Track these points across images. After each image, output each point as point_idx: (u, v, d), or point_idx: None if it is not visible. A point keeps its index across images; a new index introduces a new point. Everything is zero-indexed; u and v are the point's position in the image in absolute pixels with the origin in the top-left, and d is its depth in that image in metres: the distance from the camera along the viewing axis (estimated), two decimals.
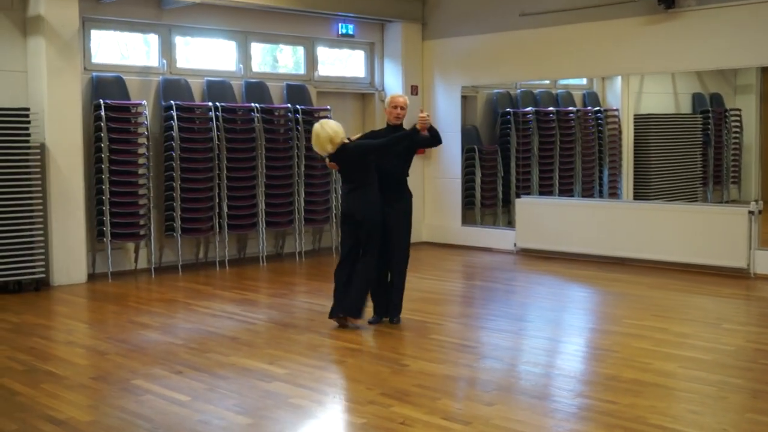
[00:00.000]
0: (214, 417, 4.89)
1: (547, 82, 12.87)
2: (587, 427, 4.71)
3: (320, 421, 4.91)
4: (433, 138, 7.09)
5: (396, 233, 7.15)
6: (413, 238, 12.09)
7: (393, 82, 12.77)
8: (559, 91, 12.95)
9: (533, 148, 12.50)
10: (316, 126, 7.03)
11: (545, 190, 12.42)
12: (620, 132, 12.41)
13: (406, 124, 7.32)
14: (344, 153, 6.98)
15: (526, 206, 11.68)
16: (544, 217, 11.43)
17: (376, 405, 5.10)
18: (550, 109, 12.69)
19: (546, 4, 11.33)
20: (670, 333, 6.89)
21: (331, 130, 6.93)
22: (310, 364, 6.04)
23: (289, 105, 11.33)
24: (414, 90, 12.75)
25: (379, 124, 12.76)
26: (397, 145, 7.01)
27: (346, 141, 7.03)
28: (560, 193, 12.42)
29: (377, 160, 7.01)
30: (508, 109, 12.64)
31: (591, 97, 12.89)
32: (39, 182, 9.14)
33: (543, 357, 6.39)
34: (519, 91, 12.76)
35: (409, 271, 7.24)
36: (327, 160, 7.20)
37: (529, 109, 12.61)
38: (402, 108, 7.13)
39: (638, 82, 12.20)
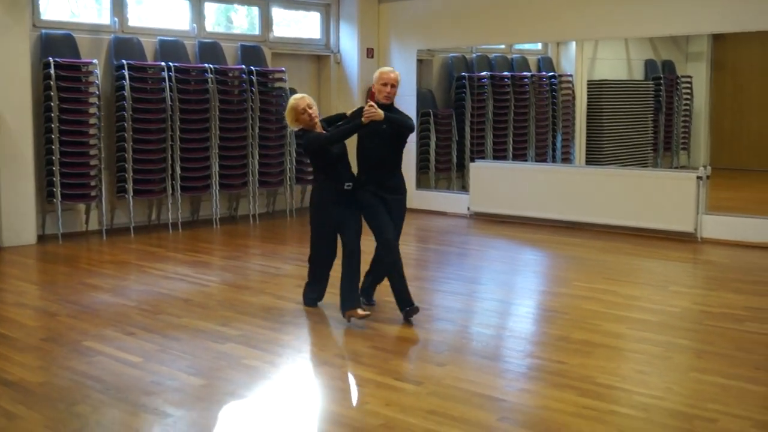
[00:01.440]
0: (167, 378, 4.88)
1: (503, 46, 12.86)
2: (537, 386, 4.78)
3: (273, 381, 4.91)
4: (397, 126, 6.18)
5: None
6: None
7: (349, 45, 12.68)
8: (514, 56, 12.96)
9: (488, 112, 12.53)
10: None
11: (499, 155, 12.48)
12: (574, 97, 12.48)
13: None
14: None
15: (480, 171, 11.74)
16: (498, 182, 11.50)
17: (329, 366, 5.14)
18: (505, 73, 12.72)
19: None
20: (619, 295, 7.00)
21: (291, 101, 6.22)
22: (263, 325, 6.03)
23: (243, 66, 11.20)
24: (369, 53, 12.69)
25: (335, 87, 12.73)
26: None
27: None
28: (514, 158, 12.49)
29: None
30: (463, 74, 12.63)
31: (545, 63, 12.93)
32: None
33: (495, 319, 6.46)
34: (474, 55, 12.75)
35: (363, 234, 7.10)
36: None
37: (484, 73, 12.62)
38: (393, 86, 6.20)
39: (592, 48, 12.26)
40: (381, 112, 5.95)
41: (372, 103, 6.03)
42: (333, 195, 6.19)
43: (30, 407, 4.39)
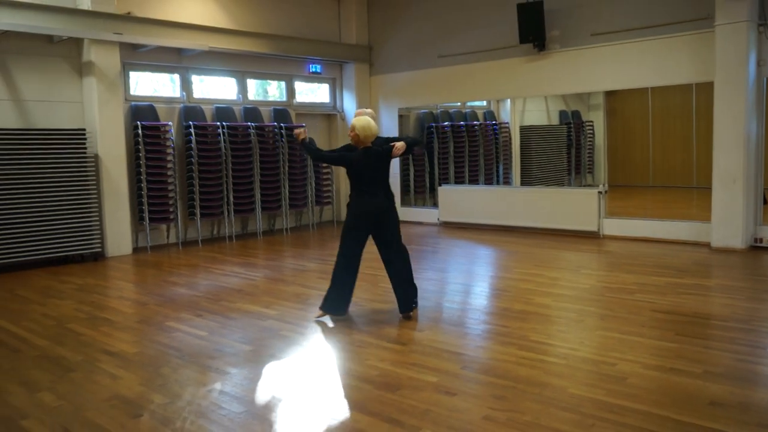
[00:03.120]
0: (226, 346, 4.85)
1: (458, 104, 12.87)
2: (489, 344, 4.76)
3: (302, 347, 4.89)
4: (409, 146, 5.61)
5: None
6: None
7: (349, 106, 12.68)
8: (466, 110, 12.96)
9: (450, 150, 12.51)
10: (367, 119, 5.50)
11: (459, 180, 12.47)
12: (510, 138, 12.46)
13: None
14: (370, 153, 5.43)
15: (446, 192, 11.73)
16: (459, 199, 11.49)
17: (341, 333, 5.11)
18: (461, 123, 12.71)
19: (457, 48, 11.34)
20: (546, 277, 6.99)
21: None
22: (294, 307, 6.01)
23: (275, 123, 11.19)
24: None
25: (340, 136, 12.72)
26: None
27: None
28: (469, 182, 12.48)
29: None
30: (431, 123, 12.62)
31: (489, 114, 12.93)
32: (95, 183, 8.92)
33: (459, 296, 6.44)
34: (439, 110, 12.75)
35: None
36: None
37: (446, 123, 12.61)
38: (352, 131, 5.53)
39: (522, 103, 12.28)
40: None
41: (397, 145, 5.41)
42: None
43: (127, 370, 4.36)
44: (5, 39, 8.49)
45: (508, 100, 12.28)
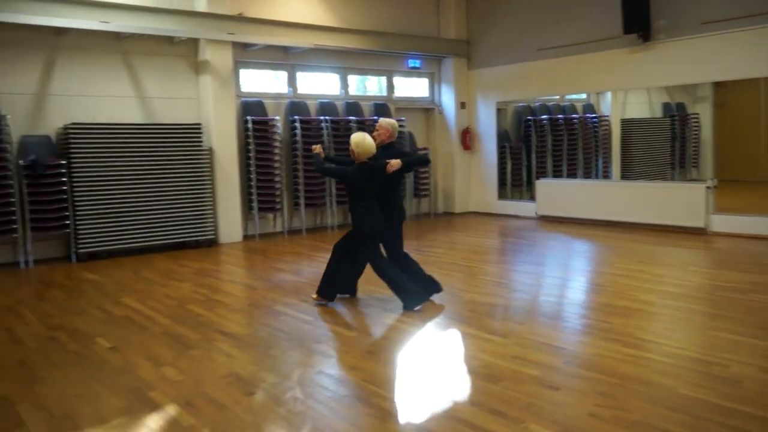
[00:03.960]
0: (330, 331, 4.94)
1: (557, 97, 12.50)
2: (590, 339, 4.59)
3: (405, 335, 4.90)
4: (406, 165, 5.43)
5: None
6: (463, 208, 11.97)
7: (447, 100, 12.59)
8: (565, 103, 12.57)
9: (547, 144, 12.19)
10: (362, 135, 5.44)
11: (557, 174, 12.13)
12: (610, 131, 11.99)
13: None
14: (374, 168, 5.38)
15: (543, 185, 11.43)
16: (557, 193, 11.17)
17: (442, 324, 5.08)
18: (559, 116, 12.34)
19: (557, 40, 11.00)
20: (649, 273, 6.67)
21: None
22: (393, 296, 6.02)
23: (375, 117, 11.27)
24: (463, 105, 12.56)
25: (438, 130, 12.66)
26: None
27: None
28: (568, 176, 12.10)
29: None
30: (529, 117, 12.34)
31: (589, 107, 12.47)
32: (209, 174, 9.33)
33: (557, 290, 6.25)
34: (537, 104, 12.43)
35: (459, 231, 6.95)
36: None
37: (544, 116, 12.29)
38: (376, 130, 5.64)
39: (623, 95, 11.76)
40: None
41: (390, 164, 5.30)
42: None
43: (241, 350, 4.52)
44: (131, 41, 9.00)
45: (609, 92, 11.79)
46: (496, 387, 3.69)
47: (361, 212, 5.37)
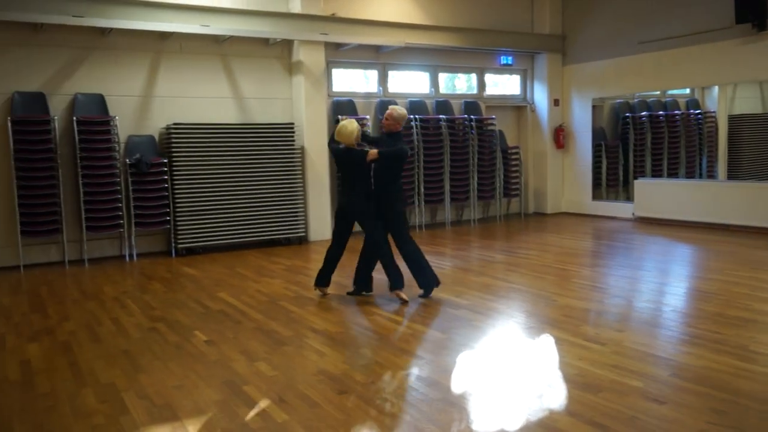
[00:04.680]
0: (420, 332, 4.88)
1: (657, 92, 11.90)
2: (699, 351, 4.29)
3: (495, 338, 4.78)
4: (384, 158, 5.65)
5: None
6: (555, 209, 11.64)
7: (540, 97, 12.26)
8: (667, 99, 11.94)
9: (647, 142, 11.63)
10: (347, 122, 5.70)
11: (657, 173, 11.55)
12: (716, 128, 11.29)
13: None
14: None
15: (642, 185, 10.91)
16: (657, 193, 10.63)
17: (533, 329, 4.92)
18: (660, 112, 11.75)
19: (659, 33, 10.46)
20: (764, 281, 6.19)
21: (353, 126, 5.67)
22: (485, 298, 5.91)
23: (466, 116, 11.14)
24: (556, 102, 12.20)
25: (530, 128, 12.35)
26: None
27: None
28: (668, 175, 11.50)
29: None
30: (627, 114, 11.83)
31: (692, 103, 11.79)
32: (300, 173, 9.51)
33: (658, 296, 5.92)
34: (636, 100, 11.88)
35: (551, 232, 6.74)
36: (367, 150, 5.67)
37: (643, 113, 11.73)
38: (386, 119, 5.81)
39: (732, 90, 11.04)
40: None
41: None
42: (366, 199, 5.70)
43: (331, 348, 4.54)
44: (229, 43, 9.30)
45: (716, 87, 11.10)
46: (595, 398, 3.51)
47: (341, 191, 5.77)
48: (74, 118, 8.15)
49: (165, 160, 8.56)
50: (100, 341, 4.86)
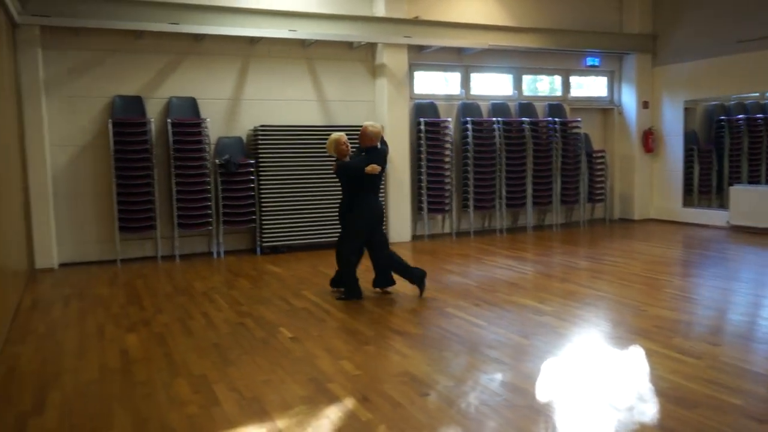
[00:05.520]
0: (503, 338, 4.82)
1: (757, 94, 11.26)
2: None
3: (581, 346, 4.66)
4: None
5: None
6: (643, 215, 11.22)
7: (628, 99, 11.86)
8: (766, 101, 11.28)
9: (743, 146, 11.03)
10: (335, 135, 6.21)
11: (753, 180, 10.93)
12: None
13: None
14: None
15: (738, 192, 10.36)
16: (754, 201, 10.06)
17: (620, 339, 4.76)
18: (759, 115, 11.11)
19: (762, 31, 9.89)
20: None
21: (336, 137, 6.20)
22: (569, 305, 5.78)
23: (550, 118, 10.92)
24: (645, 105, 11.76)
25: (617, 131, 11.98)
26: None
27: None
28: (767, 182, 10.85)
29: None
30: (722, 117, 11.26)
31: None
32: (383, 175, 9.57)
33: (756, 309, 5.59)
34: (732, 102, 11.29)
35: (638, 239, 6.49)
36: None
37: (740, 116, 11.13)
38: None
39: None
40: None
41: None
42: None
43: (414, 349, 4.56)
44: (315, 47, 9.50)
45: None
46: (690, 414, 3.37)
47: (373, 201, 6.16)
48: (169, 120, 8.55)
49: (252, 161, 8.84)
50: (192, 334, 5.07)
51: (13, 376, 4.22)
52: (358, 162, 6.03)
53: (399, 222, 9.83)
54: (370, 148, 6.12)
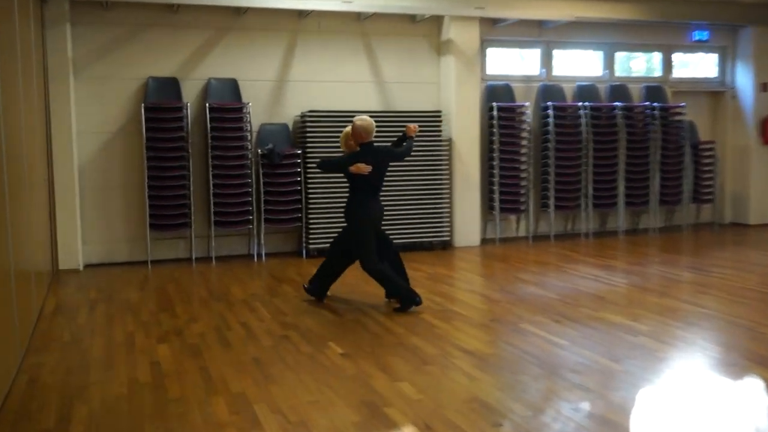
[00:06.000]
0: (589, 360, 4.72)
1: None
2: None
3: (685, 374, 4.52)
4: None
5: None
6: (761, 219, 10.86)
7: (744, 81, 11.46)
8: None
9: None
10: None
11: None
12: None
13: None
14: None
15: None
16: None
17: (736, 367, 4.59)
18: None
19: None
20: None
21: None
22: (670, 324, 5.62)
23: (647, 103, 10.66)
24: (765, 87, 11.35)
25: (729, 119, 11.60)
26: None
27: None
28: None
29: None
30: None
31: None
32: (447, 168, 9.56)
33: None
34: None
35: (755, 248, 6.34)
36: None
37: None
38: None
39: None
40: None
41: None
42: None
43: (483, 372, 4.52)
44: (372, 21, 9.54)
45: None
46: None
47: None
48: (207, 104, 8.75)
49: (298, 151, 8.94)
50: (230, 346, 5.17)
51: (35, 388, 4.39)
52: (342, 159, 6.44)
53: (465, 223, 9.77)
54: (363, 145, 6.35)
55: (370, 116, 9.09)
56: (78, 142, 8.53)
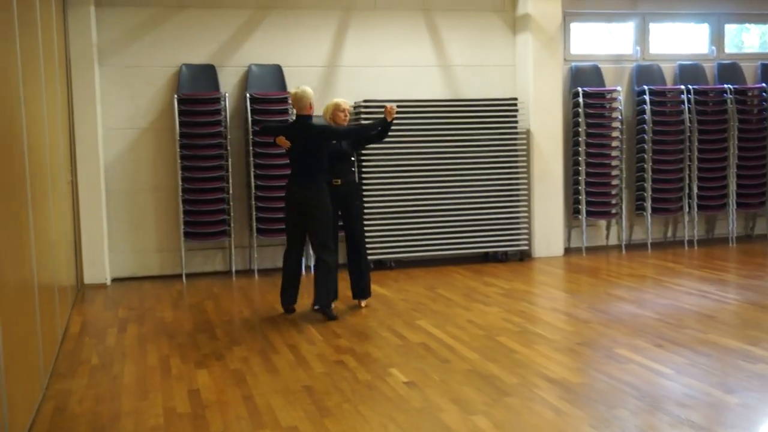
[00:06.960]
0: (700, 392, 4.64)
1: None
2: None
3: None
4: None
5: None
6: None
7: None
8: None
9: None
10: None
11: None
12: None
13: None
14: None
15: None
16: None
17: None
18: None
19: None
20: None
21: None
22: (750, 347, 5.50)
23: (764, 85, 10.42)
24: None
25: None
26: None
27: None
28: None
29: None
30: None
31: None
32: (525, 165, 9.53)
33: None
34: None
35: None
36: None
37: None
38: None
39: None
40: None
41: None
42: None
43: (573, 404, 4.49)
44: None
45: None
46: None
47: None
48: (247, 94, 8.91)
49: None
50: (277, 373, 5.25)
51: (62, 418, 4.55)
52: (278, 127, 7.32)
53: (546, 229, 9.70)
54: (297, 117, 6.94)
55: (434, 105, 9.19)
56: (104, 139, 8.78)
